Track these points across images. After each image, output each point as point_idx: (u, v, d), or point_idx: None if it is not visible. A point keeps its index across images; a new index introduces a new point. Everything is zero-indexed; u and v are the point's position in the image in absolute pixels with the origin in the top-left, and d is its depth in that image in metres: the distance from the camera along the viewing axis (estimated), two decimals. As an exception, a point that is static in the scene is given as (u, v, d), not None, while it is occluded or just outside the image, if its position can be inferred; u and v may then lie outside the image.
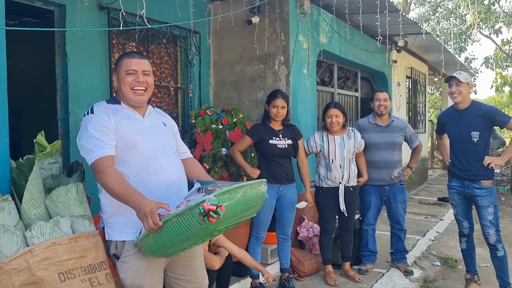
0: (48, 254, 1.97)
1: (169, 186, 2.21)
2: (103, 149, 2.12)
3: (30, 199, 2.07)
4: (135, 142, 2.21)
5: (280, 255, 4.15)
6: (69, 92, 3.66)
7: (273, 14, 4.76)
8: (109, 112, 2.24)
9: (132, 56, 2.30)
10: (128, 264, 2.17)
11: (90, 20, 3.77)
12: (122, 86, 2.28)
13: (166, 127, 2.45)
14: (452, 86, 3.90)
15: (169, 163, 2.28)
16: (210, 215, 1.78)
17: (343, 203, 4.20)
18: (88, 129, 2.16)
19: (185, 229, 1.87)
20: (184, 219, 1.86)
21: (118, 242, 2.20)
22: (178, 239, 1.91)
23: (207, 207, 1.78)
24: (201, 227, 1.84)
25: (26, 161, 2.24)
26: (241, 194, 1.92)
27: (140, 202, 1.95)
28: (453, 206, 4.14)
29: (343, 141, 4.23)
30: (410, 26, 6.64)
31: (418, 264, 4.92)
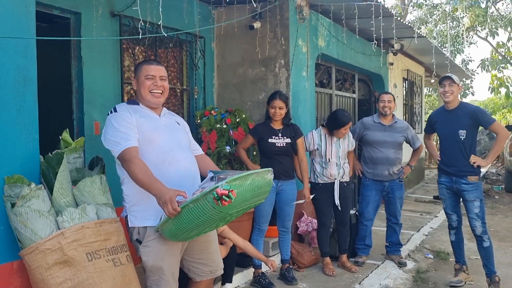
0: (78, 236, 2.24)
1: (184, 176, 2.47)
2: (128, 140, 2.38)
3: (60, 188, 2.33)
4: (153, 137, 2.47)
5: (280, 247, 4.41)
6: (84, 94, 3.93)
7: (274, 20, 5.03)
8: (130, 111, 2.51)
9: (151, 63, 2.61)
10: (149, 248, 2.42)
11: (104, 26, 4.04)
12: (141, 89, 2.58)
13: (179, 125, 2.75)
14: (445, 86, 4.17)
15: (183, 156, 2.56)
16: (223, 199, 2.01)
17: (338, 198, 4.46)
18: (113, 124, 2.43)
19: (200, 214, 2.10)
20: (199, 204, 2.09)
21: (141, 228, 2.45)
22: (195, 223, 2.15)
23: (220, 191, 2.01)
24: (215, 211, 2.07)
25: (54, 155, 2.50)
26: (250, 181, 2.15)
27: (160, 190, 2.21)
28: (442, 201, 4.41)
29: (339, 141, 4.51)
30: (405, 30, 6.91)
31: (411, 257, 5.18)
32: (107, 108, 3.98)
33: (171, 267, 2.48)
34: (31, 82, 2.54)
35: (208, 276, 2.74)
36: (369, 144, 4.80)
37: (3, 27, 2.41)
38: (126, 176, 2.45)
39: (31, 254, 2.22)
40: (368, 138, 4.80)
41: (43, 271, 2.20)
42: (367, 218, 4.92)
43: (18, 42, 2.48)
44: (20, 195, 2.24)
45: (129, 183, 2.44)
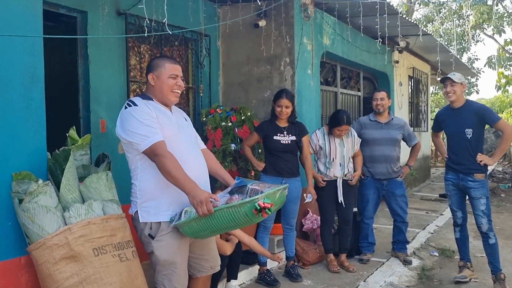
0: (84, 231, 2.27)
1: (197, 176, 2.47)
2: (156, 134, 2.38)
3: (67, 184, 2.36)
4: (169, 134, 2.47)
5: (285, 244, 4.43)
6: (91, 92, 3.96)
7: (279, 18, 5.04)
8: (149, 106, 2.50)
9: (174, 62, 2.60)
10: (163, 242, 2.45)
11: (110, 25, 4.07)
12: (164, 87, 2.54)
13: (187, 122, 2.77)
14: (447, 86, 4.18)
15: (195, 155, 2.60)
16: (265, 212, 2.18)
17: (341, 195, 4.47)
18: (137, 118, 2.40)
19: (231, 219, 2.24)
20: (234, 211, 2.23)
21: (154, 223, 2.46)
22: (221, 226, 2.28)
23: (262, 204, 2.17)
24: (246, 219, 2.24)
25: (61, 152, 2.53)
26: (279, 195, 2.32)
27: (195, 189, 2.28)
28: (448, 197, 4.41)
29: (343, 141, 4.51)
30: (411, 28, 6.90)
31: (417, 255, 5.18)
32: (113, 106, 4.04)
33: (183, 261, 2.53)
34: (39, 80, 2.57)
35: (208, 272, 2.78)
36: (366, 143, 4.80)
37: (11, 25, 2.45)
38: (140, 170, 2.46)
39: (39, 250, 2.26)
40: (366, 136, 4.81)
41: (50, 266, 2.24)
42: (368, 216, 4.94)
43: (26, 41, 2.51)
44: (28, 191, 2.27)
45: (144, 177, 2.45)
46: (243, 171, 4.77)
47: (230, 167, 4.58)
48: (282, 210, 4.33)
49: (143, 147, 2.38)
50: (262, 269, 4.27)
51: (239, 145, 4.60)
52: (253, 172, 4.71)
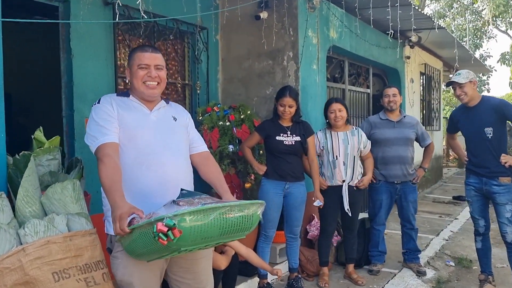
0: (42, 253, 1.91)
1: (164, 184, 2.12)
2: (106, 135, 2.08)
3: (25, 196, 2.01)
4: (133, 134, 2.15)
5: (288, 254, 4.06)
6: (74, 88, 3.62)
7: (282, 9, 4.66)
8: (114, 103, 2.20)
9: (145, 50, 2.25)
10: (118, 260, 2.09)
11: (95, 15, 3.73)
12: (134, 80, 2.24)
13: (176, 122, 2.35)
14: (456, 89, 3.84)
15: (168, 159, 2.19)
16: (160, 237, 1.65)
17: (347, 202, 4.08)
18: (93, 117, 2.15)
19: (147, 242, 1.75)
20: (145, 232, 1.74)
21: (112, 236, 2.12)
22: (145, 249, 1.80)
23: (159, 227, 1.65)
24: (158, 244, 1.70)
25: (22, 157, 2.19)
26: (215, 216, 1.72)
27: (116, 202, 1.88)
28: (469, 204, 4.02)
29: (347, 137, 4.11)
30: (423, 21, 6.49)
31: (431, 264, 4.79)
32: (99, 104, 3.70)
33: (143, 283, 2.11)
34: (-4, 73, 2.22)
35: None
36: (378, 143, 4.40)
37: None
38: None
39: (-12, 274, 1.91)
40: (377, 137, 4.41)
41: (2, 293, 1.89)
42: (379, 222, 4.53)
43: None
44: (-24, 205, 1.93)
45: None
46: (242, 175, 4.40)
47: (228, 171, 4.22)
48: (285, 217, 3.97)
49: (92, 149, 2.10)
50: (262, 282, 3.93)
51: (237, 146, 4.24)
52: (253, 176, 4.34)
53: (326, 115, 4.15)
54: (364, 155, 4.23)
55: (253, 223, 1.87)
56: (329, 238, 4.25)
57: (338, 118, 4.05)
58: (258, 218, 1.89)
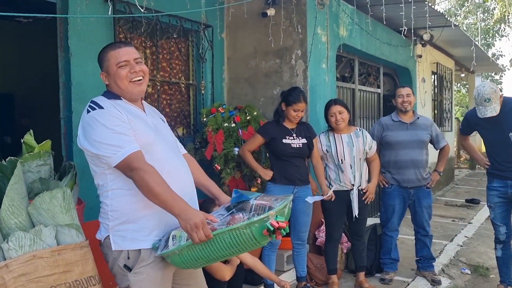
0: (27, 269, 1.75)
1: (183, 190, 1.99)
2: (132, 143, 1.90)
3: (10, 206, 1.85)
4: (149, 141, 1.99)
5: (295, 262, 3.88)
6: (72, 89, 3.46)
7: (289, 6, 4.48)
8: (118, 108, 2.00)
9: (118, 46, 2.06)
10: (143, 275, 1.94)
11: (94, 13, 3.56)
12: (118, 81, 2.04)
13: (164, 123, 2.25)
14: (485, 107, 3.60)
15: (180, 163, 2.10)
16: (280, 232, 1.74)
17: (357, 208, 3.87)
18: (105, 125, 1.91)
19: (235, 243, 1.80)
20: (239, 233, 1.78)
21: (131, 252, 1.96)
22: (222, 253, 1.84)
23: (277, 224, 1.73)
24: (253, 242, 1.79)
25: (9, 163, 2.03)
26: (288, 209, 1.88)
27: (187, 210, 1.81)
28: (491, 210, 3.82)
29: (351, 139, 3.90)
30: (437, 18, 6.27)
31: (446, 272, 4.58)
32: (98, 105, 3.53)
33: None
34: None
35: None
36: (390, 146, 4.20)
37: None
38: (112, 187, 1.96)
39: (-30, 291, 1.75)
40: (389, 139, 4.20)
41: (-15, 312, 1.73)
42: (392, 228, 4.33)
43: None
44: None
45: (117, 195, 1.95)
46: (248, 179, 4.22)
47: (233, 174, 4.04)
48: (292, 222, 3.79)
49: (115, 160, 1.88)
50: (268, 292, 3.75)
51: (243, 149, 4.06)
52: (259, 180, 4.16)
53: (327, 118, 3.95)
54: (370, 156, 4.01)
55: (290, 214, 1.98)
56: (336, 244, 4.06)
57: (339, 121, 3.86)
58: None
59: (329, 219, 3.99)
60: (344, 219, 4.03)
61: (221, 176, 4.00)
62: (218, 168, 4.00)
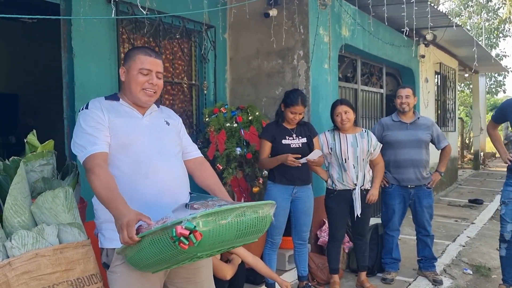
0: (30, 267, 1.77)
1: (162, 192, 2.00)
2: (95, 145, 1.94)
3: (13, 205, 1.87)
4: (127, 141, 2.02)
5: (297, 262, 3.89)
6: (75, 89, 3.49)
7: (291, 6, 4.50)
8: (104, 109, 2.06)
9: (148, 54, 2.11)
10: (117, 275, 1.96)
11: (97, 13, 3.59)
12: (132, 83, 2.10)
13: (169, 126, 2.24)
14: None
15: (164, 166, 2.07)
16: (181, 241, 1.54)
17: (360, 208, 3.88)
18: (81, 124, 2.00)
19: (160, 250, 1.63)
20: (158, 239, 1.62)
21: (109, 250, 2.00)
22: (157, 258, 1.68)
23: (179, 230, 1.54)
24: (176, 250, 1.60)
25: (12, 162, 2.06)
26: (232, 218, 1.64)
27: (119, 210, 1.75)
28: (503, 205, 3.81)
29: (356, 140, 3.91)
30: (439, 19, 6.28)
31: (447, 272, 4.58)
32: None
33: None
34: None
35: None
36: (390, 146, 4.21)
37: None
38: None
39: (-27, 289, 1.78)
40: (389, 139, 4.21)
41: (-12, 310, 1.76)
42: (393, 228, 4.33)
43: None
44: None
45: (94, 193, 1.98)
46: (250, 178, 4.25)
47: (235, 174, 4.06)
48: (293, 223, 3.80)
49: (80, 159, 1.95)
50: (270, 291, 3.76)
51: (245, 149, 4.08)
52: (261, 180, 4.18)
53: (333, 118, 3.96)
54: (374, 158, 4.01)
55: (266, 224, 1.80)
56: (338, 244, 4.07)
57: (345, 121, 3.86)
58: (271, 219, 1.82)
59: (332, 218, 4.00)
60: (347, 218, 4.04)
61: (223, 176, 4.01)
62: (220, 168, 4.02)
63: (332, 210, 3.96)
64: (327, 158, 3.97)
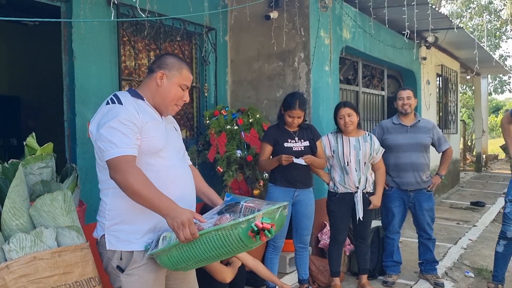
0: (28, 270, 1.77)
1: (184, 198, 2.05)
2: (129, 146, 1.90)
3: (11, 208, 1.87)
4: (159, 147, 2.02)
5: (298, 265, 3.88)
6: (76, 91, 3.49)
7: (292, 8, 4.50)
8: (137, 108, 2.01)
9: (190, 71, 2.17)
10: (135, 277, 1.97)
11: (98, 16, 3.60)
12: (170, 95, 2.07)
13: (177, 132, 2.28)
14: None
15: (186, 173, 2.16)
16: (264, 234, 1.73)
17: (362, 211, 3.87)
18: (114, 120, 1.91)
19: (222, 244, 1.78)
20: (225, 234, 1.77)
21: (124, 253, 1.98)
22: (210, 254, 1.82)
23: (261, 225, 1.72)
24: (240, 244, 1.78)
25: (11, 165, 2.05)
26: (278, 214, 1.87)
27: (174, 209, 1.82)
28: (508, 203, 3.79)
29: (359, 143, 3.89)
30: (440, 21, 6.27)
31: (449, 275, 4.56)
32: (102, 107, 3.56)
33: None
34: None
35: None
36: (390, 149, 4.18)
37: None
38: (114, 185, 1.95)
39: (-29, 292, 1.77)
40: (389, 142, 4.19)
41: (-14, 313, 1.75)
42: (393, 231, 4.32)
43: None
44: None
45: (117, 195, 1.96)
46: (251, 181, 4.24)
47: (236, 176, 4.05)
48: (294, 226, 3.79)
49: (107, 155, 1.89)
50: (270, 294, 3.75)
51: (245, 151, 4.07)
52: (262, 182, 4.18)
53: (336, 120, 3.95)
54: (375, 162, 3.99)
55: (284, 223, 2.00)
56: (340, 247, 4.05)
57: (348, 124, 3.85)
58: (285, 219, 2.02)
59: (333, 221, 3.99)
60: (349, 221, 4.03)
61: (224, 178, 4.01)
62: (220, 171, 4.01)
63: (334, 213, 3.95)
64: (329, 160, 3.96)
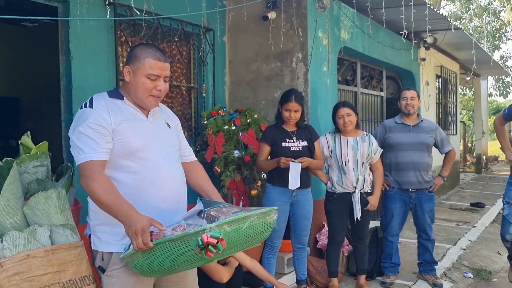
0: (21, 268, 1.77)
1: (166, 199, 1.99)
2: (95, 151, 1.86)
3: (5, 206, 1.87)
4: (135, 147, 1.96)
5: (296, 265, 3.87)
6: (73, 92, 3.50)
7: (290, 9, 4.50)
8: (110, 110, 1.96)
9: (157, 58, 1.99)
10: (114, 279, 1.94)
11: (95, 16, 3.60)
12: (139, 89, 2.00)
13: (170, 129, 2.19)
14: None
15: (169, 173, 2.05)
16: (209, 249, 1.57)
17: (360, 211, 3.86)
18: (83, 124, 1.89)
19: (178, 256, 1.66)
20: (178, 246, 1.64)
21: (105, 254, 1.97)
22: (169, 265, 1.70)
23: (206, 239, 1.56)
24: (196, 257, 1.63)
25: (5, 164, 2.05)
26: (247, 225, 1.70)
27: (131, 216, 1.74)
28: (507, 205, 3.77)
29: (357, 143, 3.88)
30: (439, 21, 6.27)
31: (448, 276, 4.55)
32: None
33: None
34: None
35: None
36: (392, 148, 4.18)
37: None
38: None
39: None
40: (391, 141, 4.19)
41: (-21, 312, 1.75)
42: (392, 233, 4.29)
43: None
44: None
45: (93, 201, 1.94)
46: (248, 181, 4.23)
47: (233, 177, 4.05)
48: (292, 226, 3.78)
49: (77, 162, 1.88)
50: (268, 294, 3.74)
51: (243, 152, 4.07)
52: (259, 182, 4.17)
53: (335, 120, 3.94)
54: (373, 163, 3.98)
55: (270, 230, 1.87)
56: (338, 247, 4.04)
57: (347, 124, 3.84)
58: (274, 224, 1.87)
59: (331, 221, 3.98)
60: (347, 222, 4.02)
61: (221, 178, 4.01)
62: (218, 171, 4.01)
63: (331, 213, 3.94)
64: (327, 160, 3.95)
